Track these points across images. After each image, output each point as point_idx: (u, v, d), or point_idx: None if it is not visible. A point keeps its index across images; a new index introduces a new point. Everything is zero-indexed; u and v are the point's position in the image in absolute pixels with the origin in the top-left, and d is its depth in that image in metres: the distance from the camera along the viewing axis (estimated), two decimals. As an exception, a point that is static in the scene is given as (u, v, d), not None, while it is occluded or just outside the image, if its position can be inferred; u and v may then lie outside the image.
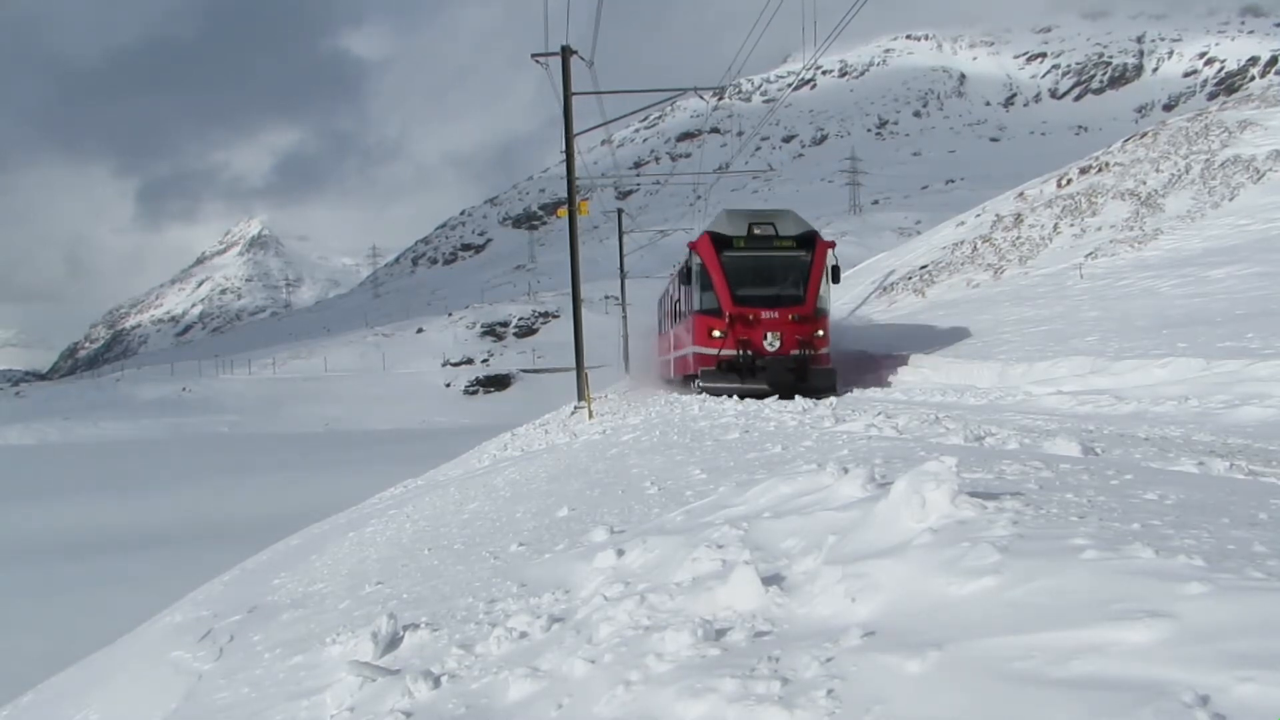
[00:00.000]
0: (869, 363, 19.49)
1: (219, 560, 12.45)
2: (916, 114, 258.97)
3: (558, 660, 2.99)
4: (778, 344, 16.41)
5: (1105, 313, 18.27)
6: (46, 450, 57.16)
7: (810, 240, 17.17)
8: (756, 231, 17.21)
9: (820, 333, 16.79)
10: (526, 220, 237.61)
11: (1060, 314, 19.48)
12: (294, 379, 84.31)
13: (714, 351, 16.67)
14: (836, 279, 17.45)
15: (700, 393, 16.42)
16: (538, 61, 22.22)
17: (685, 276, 18.31)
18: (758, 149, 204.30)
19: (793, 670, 2.37)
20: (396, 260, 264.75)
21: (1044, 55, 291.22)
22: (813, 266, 16.92)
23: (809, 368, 16.33)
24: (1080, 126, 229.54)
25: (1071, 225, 30.35)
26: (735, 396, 14.84)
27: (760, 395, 14.92)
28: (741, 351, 16.42)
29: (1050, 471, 4.37)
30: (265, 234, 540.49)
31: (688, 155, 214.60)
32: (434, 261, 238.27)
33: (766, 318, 16.55)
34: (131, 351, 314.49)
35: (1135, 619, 2.11)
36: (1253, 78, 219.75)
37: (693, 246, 17.58)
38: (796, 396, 14.10)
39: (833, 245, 17.36)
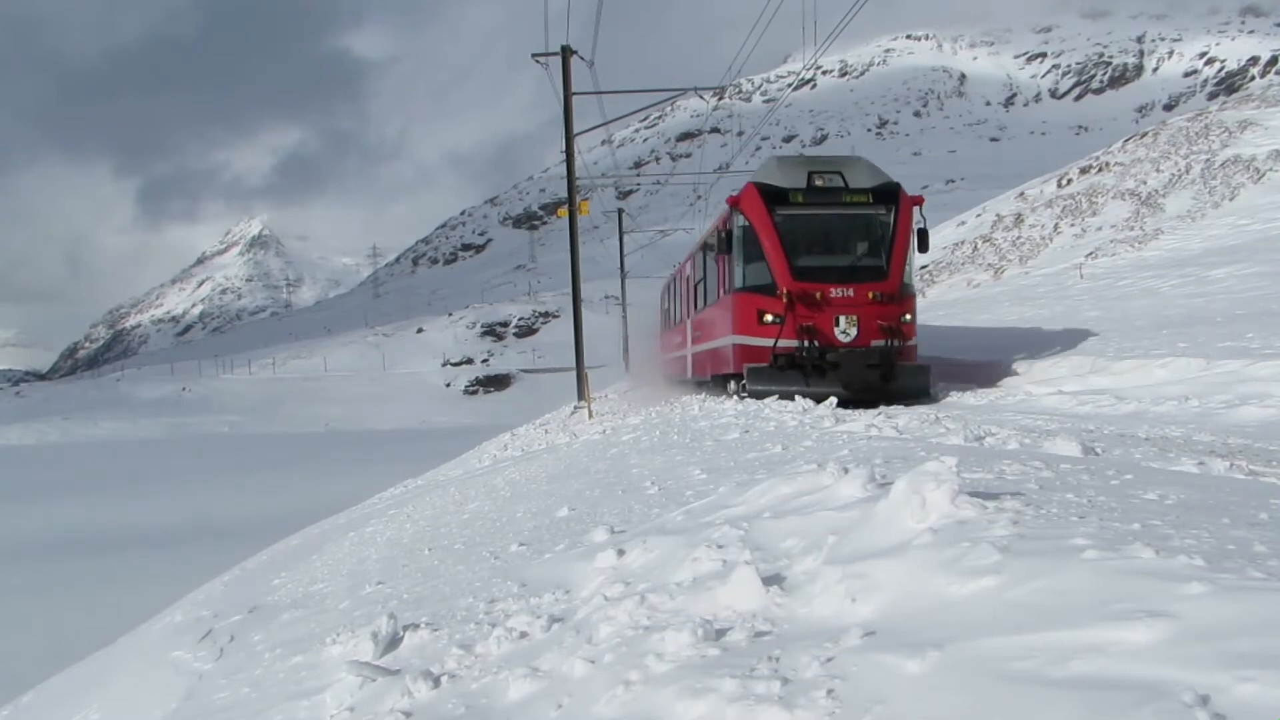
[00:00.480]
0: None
1: (219, 560, 12.47)
2: (916, 114, 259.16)
3: (558, 660, 2.99)
4: (854, 332, 12.58)
5: (1105, 312, 18.28)
6: (46, 450, 57.16)
7: (892, 194, 13.24)
8: (819, 183, 13.21)
9: (908, 316, 13.02)
10: (526, 220, 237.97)
11: (1060, 314, 19.49)
12: (294, 379, 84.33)
13: (767, 342, 12.71)
14: (925, 246, 13.73)
15: (744, 396, 12.93)
16: (538, 61, 22.27)
17: (724, 243, 13.86)
18: (758, 149, 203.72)
19: (793, 670, 2.37)
20: (397, 260, 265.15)
21: (1044, 55, 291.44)
22: (896, 228, 13.09)
23: (896, 363, 12.63)
24: (1080, 126, 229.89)
25: (1072, 225, 30.38)
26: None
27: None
28: (805, 342, 12.51)
29: (1050, 471, 4.37)
30: (266, 234, 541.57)
31: (688, 155, 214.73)
32: (434, 261, 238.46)
33: (838, 297, 12.69)
34: (131, 351, 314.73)
35: (1135, 619, 2.11)
36: (1253, 78, 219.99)
37: (733, 202, 13.62)
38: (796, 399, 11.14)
39: (920, 201, 13.52)
